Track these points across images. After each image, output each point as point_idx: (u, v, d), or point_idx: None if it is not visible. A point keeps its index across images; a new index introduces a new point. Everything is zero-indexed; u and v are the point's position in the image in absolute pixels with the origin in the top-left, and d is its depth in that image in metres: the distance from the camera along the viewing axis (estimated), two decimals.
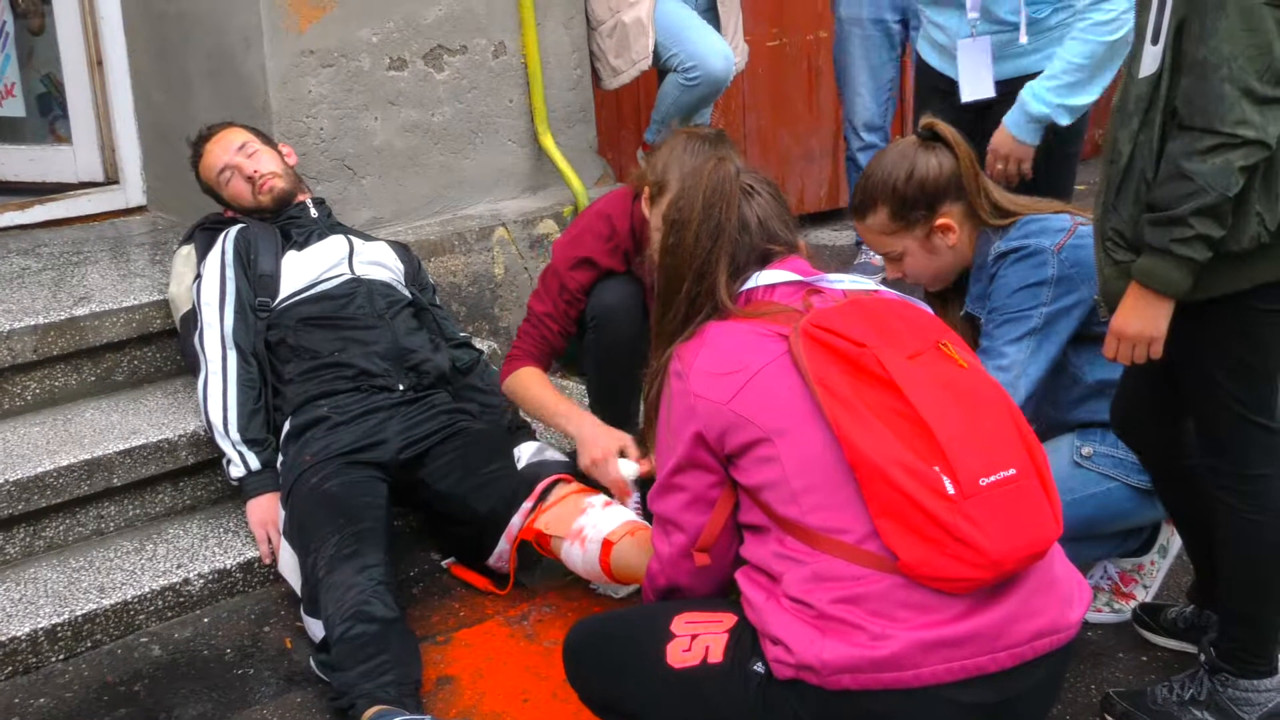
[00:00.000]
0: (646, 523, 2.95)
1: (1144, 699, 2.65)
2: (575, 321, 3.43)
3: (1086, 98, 3.48)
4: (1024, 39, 3.56)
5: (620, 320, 3.34)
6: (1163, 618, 2.96)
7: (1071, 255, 2.76)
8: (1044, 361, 2.79)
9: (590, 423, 3.20)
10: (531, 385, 3.35)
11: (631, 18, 4.52)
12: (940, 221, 2.83)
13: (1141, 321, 2.31)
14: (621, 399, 3.52)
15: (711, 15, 4.76)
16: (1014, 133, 3.50)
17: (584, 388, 3.83)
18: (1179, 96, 2.21)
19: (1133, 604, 3.06)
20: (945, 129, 2.85)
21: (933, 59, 3.89)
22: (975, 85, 3.67)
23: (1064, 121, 3.47)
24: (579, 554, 3.01)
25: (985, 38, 3.60)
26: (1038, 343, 2.77)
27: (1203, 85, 2.16)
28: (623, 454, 3.08)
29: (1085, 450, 2.87)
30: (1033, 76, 3.54)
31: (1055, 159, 3.63)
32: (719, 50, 4.55)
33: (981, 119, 3.65)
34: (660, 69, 4.70)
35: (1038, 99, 3.44)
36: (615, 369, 3.40)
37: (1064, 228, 2.80)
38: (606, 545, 2.95)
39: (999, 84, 3.64)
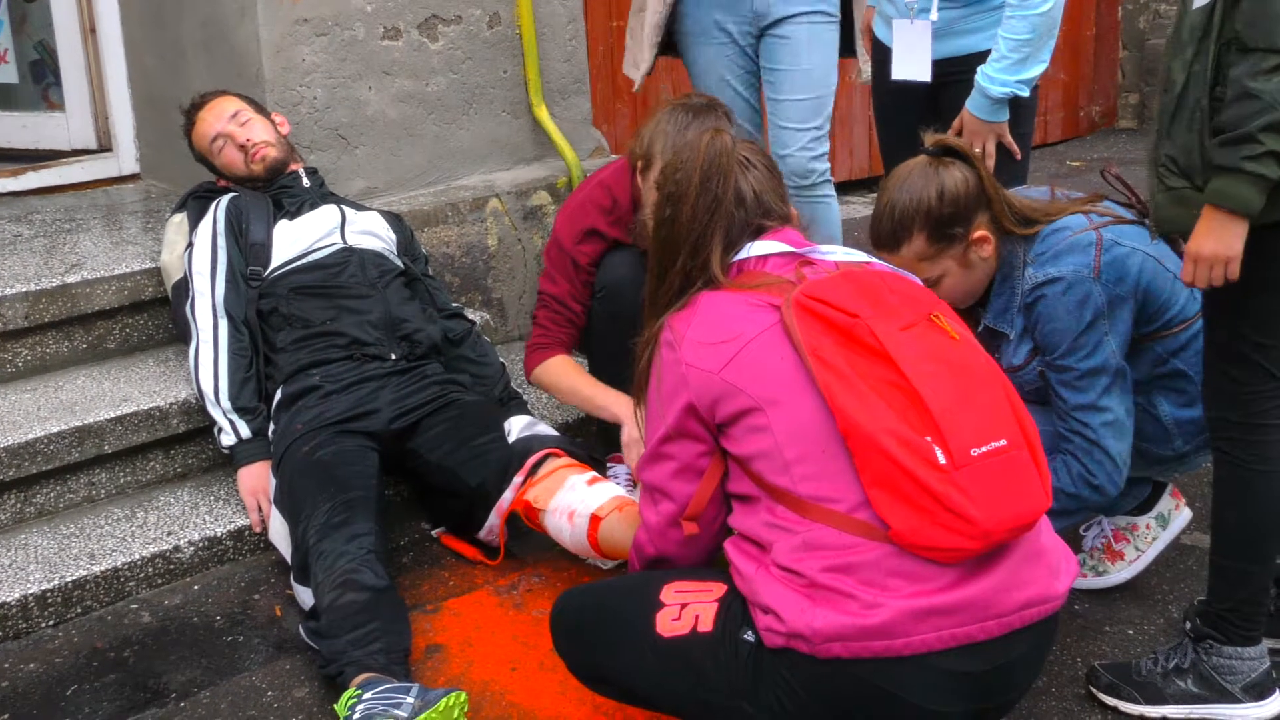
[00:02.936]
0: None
1: (1128, 671, 2.67)
2: (590, 294, 3.42)
3: (1040, 67, 3.50)
4: (934, 16, 3.55)
5: (630, 292, 3.30)
6: None
7: (1110, 273, 2.72)
8: (1130, 387, 2.79)
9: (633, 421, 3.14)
10: (567, 374, 3.39)
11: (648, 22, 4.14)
12: (977, 234, 2.77)
13: (1217, 242, 2.29)
14: (624, 368, 3.50)
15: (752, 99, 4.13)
16: (982, 116, 3.50)
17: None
18: (1240, 20, 2.22)
19: (1120, 564, 3.07)
20: (956, 142, 2.82)
21: (883, 33, 3.86)
22: (909, 66, 3.65)
23: (1025, 93, 3.50)
24: (567, 529, 3.02)
25: (925, 22, 3.59)
26: (1123, 378, 2.77)
27: (1264, 7, 2.18)
28: None
29: None
30: (978, 55, 3.53)
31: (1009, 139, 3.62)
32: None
33: (934, 99, 3.64)
34: None
35: (995, 82, 3.44)
36: (621, 339, 3.38)
37: (1090, 241, 2.74)
38: (594, 520, 2.96)
39: (948, 61, 3.62)
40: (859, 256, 2.35)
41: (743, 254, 2.31)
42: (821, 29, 3.90)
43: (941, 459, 2.00)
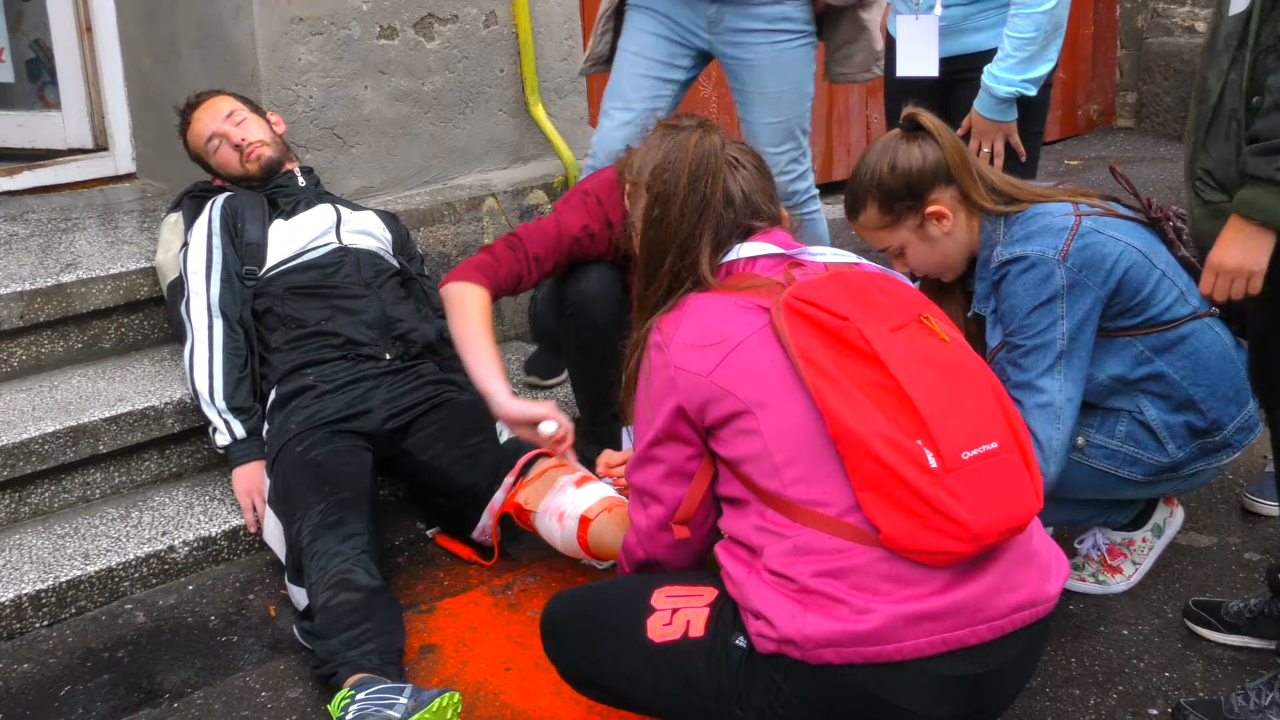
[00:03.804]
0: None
1: (1218, 709, 2.50)
2: (548, 278, 3.36)
3: (1046, 66, 3.48)
4: (937, 10, 3.53)
5: (599, 307, 3.28)
6: (1223, 611, 2.84)
7: (1077, 258, 2.71)
8: (1080, 378, 2.75)
9: (506, 394, 3.01)
10: (478, 313, 3.11)
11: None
12: (931, 209, 2.79)
13: (1241, 254, 2.25)
14: (601, 385, 3.50)
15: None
16: (989, 115, 3.49)
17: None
18: None
19: (1119, 578, 3.07)
20: (927, 118, 2.81)
21: (895, 29, 3.84)
22: (915, 62, 3.62)
23: (1032, 92, 3.48)
24: (557, 530, 3.02)
25: (931, 17, 3.57)
26: (1068, 364, 2.73)
27: None
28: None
29: (1079, 440, 2.86)
30: (989, 53, 3.51)
31: (1020, 138, 3.60)
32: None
33: (947, 97, 3.62)
34: None
35: (1001, 81, 3.43)
36: (594, 356, 3.38)
37: (1066, 226, 2.74)
38: (584, 522, 2.96)
39: (958, 59, 3.61)
40: (849, 258, 2.35)
41: (731, 255, 2.30)
42: (785, 48, 3.74)
43: (932, 462, 1.99)
